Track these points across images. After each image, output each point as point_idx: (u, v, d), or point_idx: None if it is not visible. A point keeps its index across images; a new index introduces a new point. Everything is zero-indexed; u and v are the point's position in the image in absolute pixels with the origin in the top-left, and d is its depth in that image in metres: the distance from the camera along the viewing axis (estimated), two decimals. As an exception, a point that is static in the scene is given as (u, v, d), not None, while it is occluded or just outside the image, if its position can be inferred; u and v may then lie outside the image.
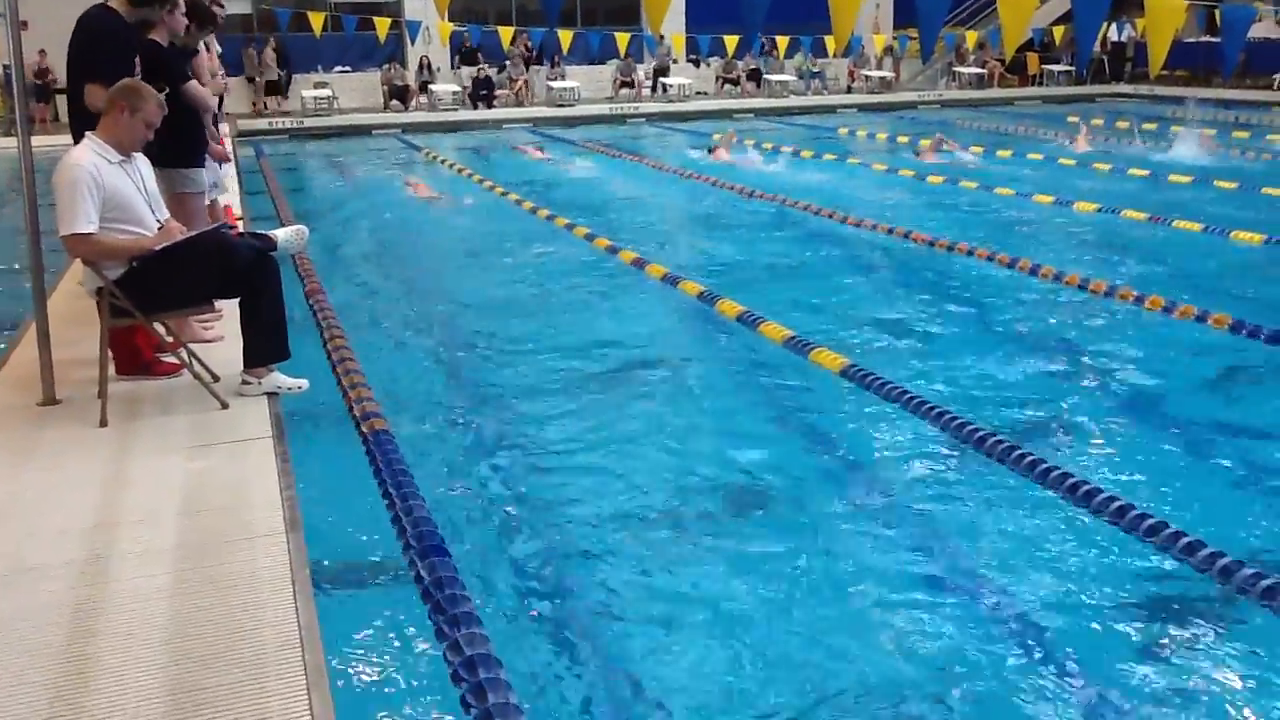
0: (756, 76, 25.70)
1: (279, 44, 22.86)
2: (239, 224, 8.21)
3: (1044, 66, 27.09)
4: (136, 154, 4.86)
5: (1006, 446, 4.87)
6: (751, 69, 25.59)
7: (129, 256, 4.63)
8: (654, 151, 18.29)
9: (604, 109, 23.52)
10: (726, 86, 25.80)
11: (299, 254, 7.59)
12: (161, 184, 5.36)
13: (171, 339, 5.02)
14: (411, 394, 6.29)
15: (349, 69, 24.23)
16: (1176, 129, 17.14)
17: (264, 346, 4.90)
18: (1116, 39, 26.66)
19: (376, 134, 21.20)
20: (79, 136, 4.88)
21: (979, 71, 26.73)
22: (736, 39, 22.75)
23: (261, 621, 3.05)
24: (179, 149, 5.84)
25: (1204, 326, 6.91)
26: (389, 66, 23.27)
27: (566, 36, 21.76)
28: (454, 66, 24.36)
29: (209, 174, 6.44)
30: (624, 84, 24.63)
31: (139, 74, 5.25)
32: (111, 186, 4.60)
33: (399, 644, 3.74)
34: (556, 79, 24.08)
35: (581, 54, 24.12)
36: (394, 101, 22.90)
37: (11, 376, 5.21)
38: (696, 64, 26.16)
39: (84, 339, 5.26)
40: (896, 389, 5.67)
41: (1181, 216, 10.40)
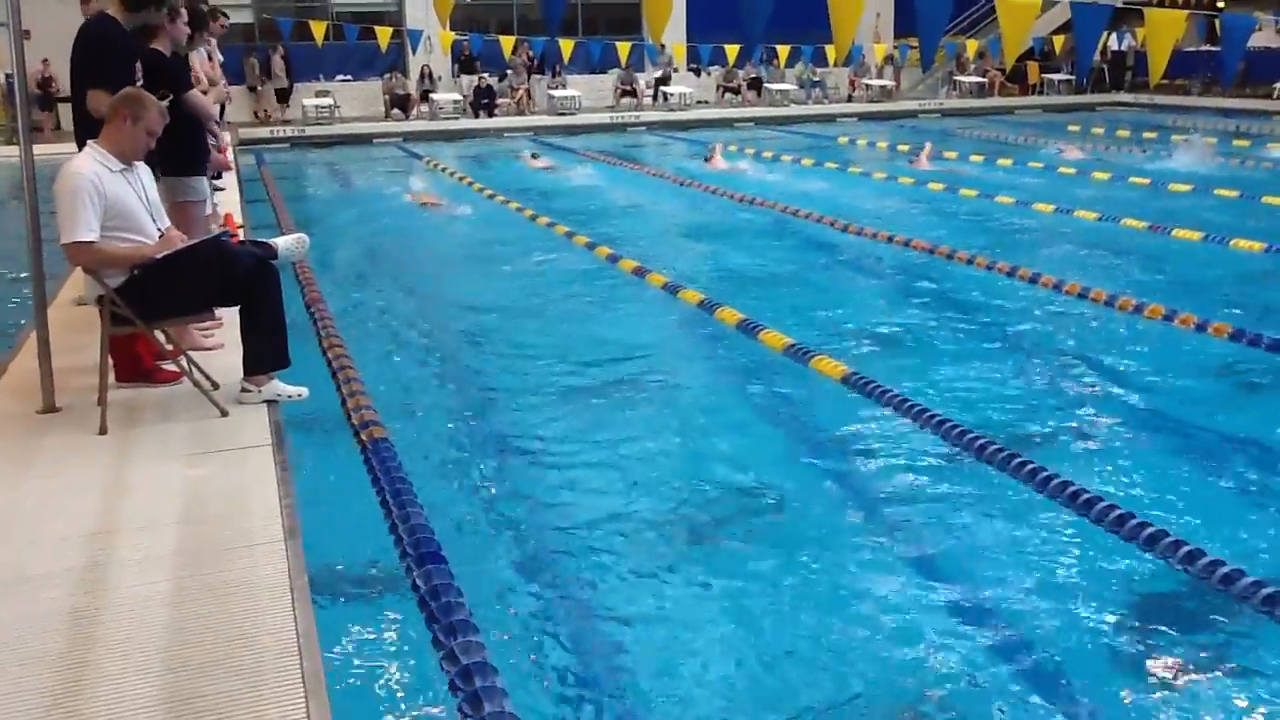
0: (757, 85, 25.77)
1: (286, 52, 22.95)
2: (239, 232, 8.24)
3: (1044, 75, 27.18)
4: (138, 162, 4.88)
5: (1006, 454, 4.87)
6: (752, 78, 25.67)
7: (130, 265, 4.65)
8: (655, 160, 18.32)
9: (605, 118, 23.57)
10: (727, 95, 25.86)
11: (299, 262, 7.62)
12: (162, 192, 5.38)
13: (172, 347, 5.03)
14: (411, 402, 6.30)
15: (350, 78, 24.28)
16: (1177, 138, 17.15)
17: (264, 354, 4.91)
18: (1117, 48, 26.71)
19: (378, 143, 21.23)
20: (84, 144, 4.89)
21: (979, 80, 26.77)
22: (737, 48, 22.83)
23: (260, 629, 3.05)
24: (180, 158, 5.87)
25: (1204, 335, 6.91)
26: (390, 75, 23.32)
27: (568, 45, 21.79)
28: (455, 75, 24.42)
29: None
30: (625, 93, 24.69)
31: (140, 81, 5.28)
32: (113, 195, 4.61)
33: (397, 652, 3.74)
34: (558, 88, 24.14)
35: (583, 63, 24.18)
36: (395, 110, 22.95)
37: (11, 384, 5.22)
38: (697, 73, 26.22)
39: (84, 347, 5.27)
40: (896, 396, 5.67)
41: (1181, 225, 10.40)
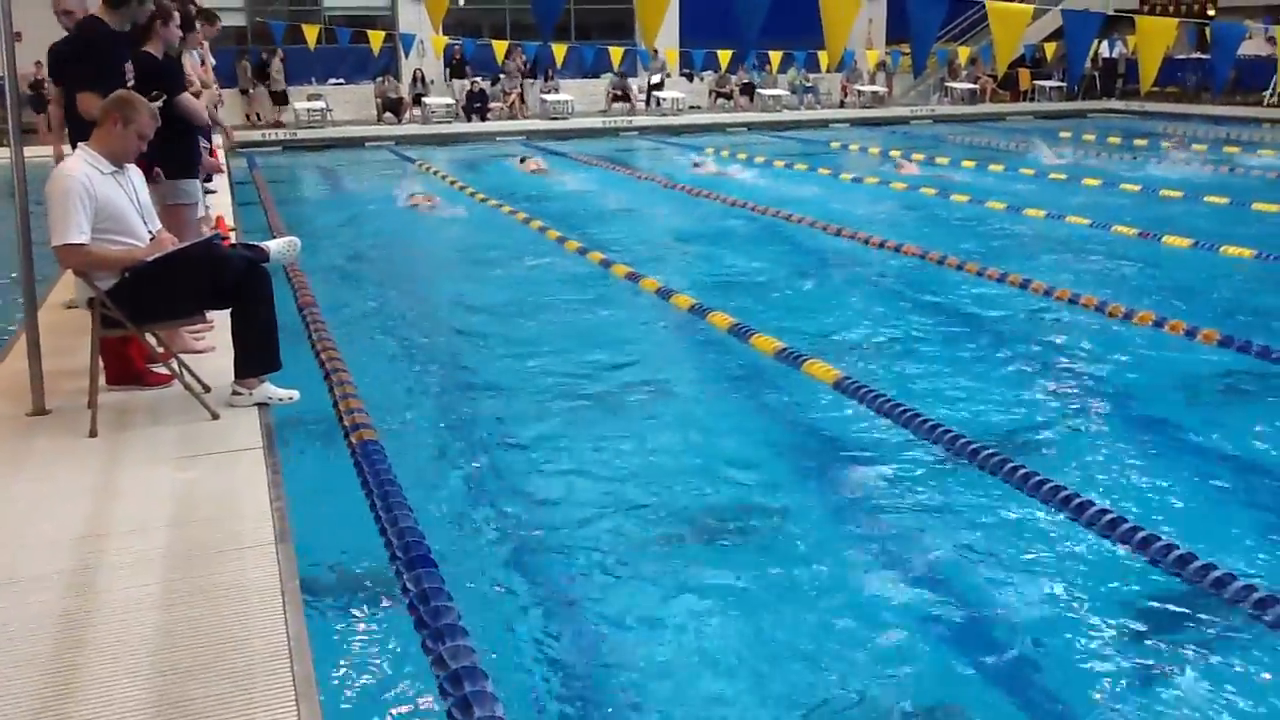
0: (750, 91, 25.81)
1: (284, 55, 22.93)
2: (231, 235, 8.23)
3: (1036, 82, 27.28)
4: (129, 165, 4.87)
5: (999, 459, 4.88)
6: (745, 83, 25.71)
7: (121, 267, 4.63)
8: (647, 165, 18.33)
9: (597, 122, 23.59)
10: (720, 100, 25.90)
11: (291, 265, 7.61)
12: (154, 194, 5.37)
13: (162, 349, 5.01)
14: (402, 405, 6.29)
15: (342, 81, 24.27)
16: (1167, 145, 17.22)
17: (255, 357, 4.89)
18: (1108, 55, 26.81)
19: (370, 146, 21.21)
20: (75, 146, 4.89)
21: (971, 87, 26.85)
22: (730, 53, 22.90)
23: (250, 632, 3.04)
24: (173, 160, 5.86)
25: (1193, 342, 6.93)
26: (382, 79, 23.30)
27: (560, 50, 21.81)
28: (447, 80, 24.43)
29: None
30: (618, 98, 24.70)
31: (131, 84, 5.28)
32: (104, 197, 4.60)
33: (388, 655, 3.73)
34: (550, 92, 24.15)
35: (575, 67, 24.23)
36: (387, 114, 22.94)
37: (1, 386, 5.19)
38: (690, 78, 26.26)
39: (75, 349, 5.25)
40: (888, 401, 5.68)
41: (1172, 232, 10.44)
